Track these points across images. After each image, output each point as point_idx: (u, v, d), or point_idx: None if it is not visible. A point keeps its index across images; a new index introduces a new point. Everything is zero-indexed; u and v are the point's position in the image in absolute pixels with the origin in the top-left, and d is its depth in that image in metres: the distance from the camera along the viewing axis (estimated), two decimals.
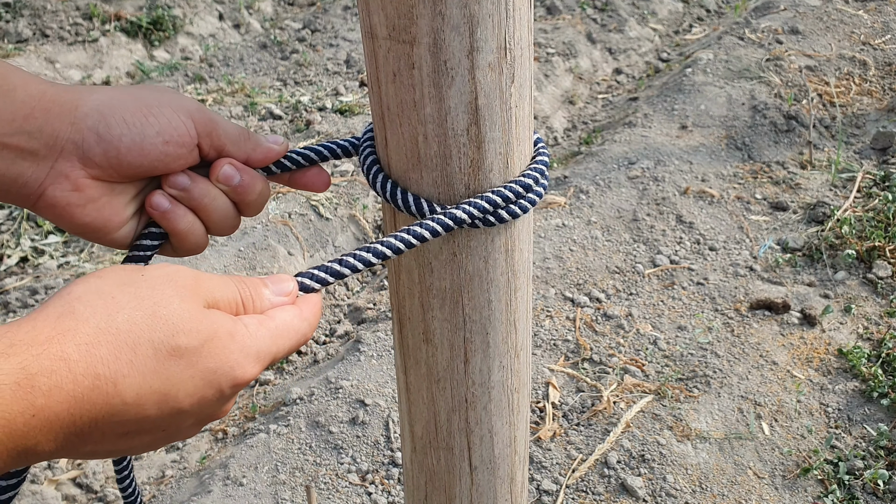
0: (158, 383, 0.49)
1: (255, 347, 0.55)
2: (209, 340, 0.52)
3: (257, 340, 0.55)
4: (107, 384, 0.47)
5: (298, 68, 4.34)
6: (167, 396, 0.50)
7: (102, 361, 0.47)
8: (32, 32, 4.35)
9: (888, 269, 2.69)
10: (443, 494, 0.88)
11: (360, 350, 2.41)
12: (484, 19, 0.60)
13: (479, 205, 0.67)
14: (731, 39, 4.28)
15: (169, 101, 0.66)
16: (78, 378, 0.46)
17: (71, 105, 0.63)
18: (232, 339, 0.53)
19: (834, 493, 1.96)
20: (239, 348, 0.54)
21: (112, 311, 0.49)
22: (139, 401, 0.49)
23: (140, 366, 0.49)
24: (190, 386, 0.51)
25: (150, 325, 0.50)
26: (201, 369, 0.52)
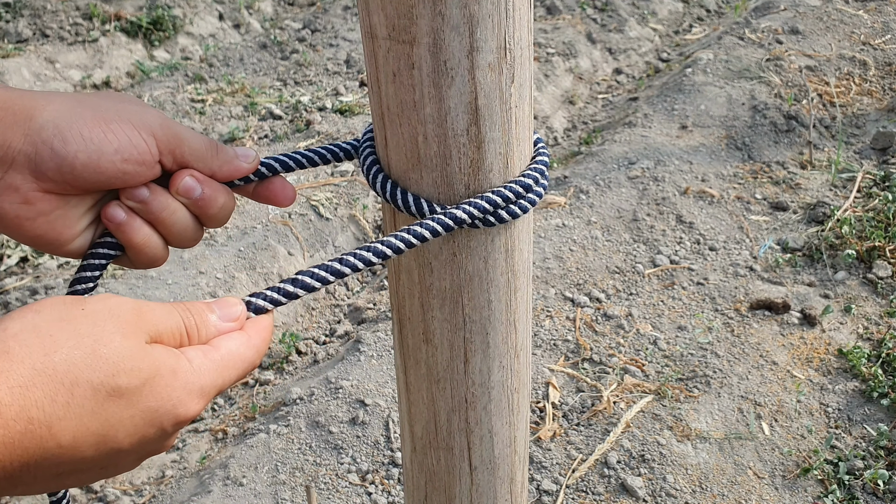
0: (97, 425, 0.48)
1: (199, 383, 0.53)
2: (150, 379, 0.50)
3: (201, 376, 0.54)
4: (40, 428, 0.45)
5: (298, 68, 4.34)
6: (106, 437, 0.49)
7: (37, 405, 0.45)
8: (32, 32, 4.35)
9: (888, 269, 2.69)
10: (443, 494, 0.88)
11: (360, 350, 2.41)
12: (484, 19, 0.60)
13: (479, 205, 0.67)
14: (731, 39, 4.28)
15: (130, 116, 0.63)
16: (9, 423, 0.44)
17: (25, 114, 0.60)
18: (174, 376, 0.52)
19: (834, 493, 1.96)
20: (181, 385, 0.52)
21: (49, 351, 0.47)
22: (75, 443, 0.47)
23: (77, 408, 0.47)
24: (130, 426, 0.50)
25: (90, 365, 0.48)
26: (142, 409, 0.50)
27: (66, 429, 0.46)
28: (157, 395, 0.51)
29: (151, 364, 0.50)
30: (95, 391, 0.47)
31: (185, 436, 2.34)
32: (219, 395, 0.51)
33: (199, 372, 0.54)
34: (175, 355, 0.53)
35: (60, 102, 0.61)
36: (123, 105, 0.64)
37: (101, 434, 0.48)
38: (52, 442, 0.46)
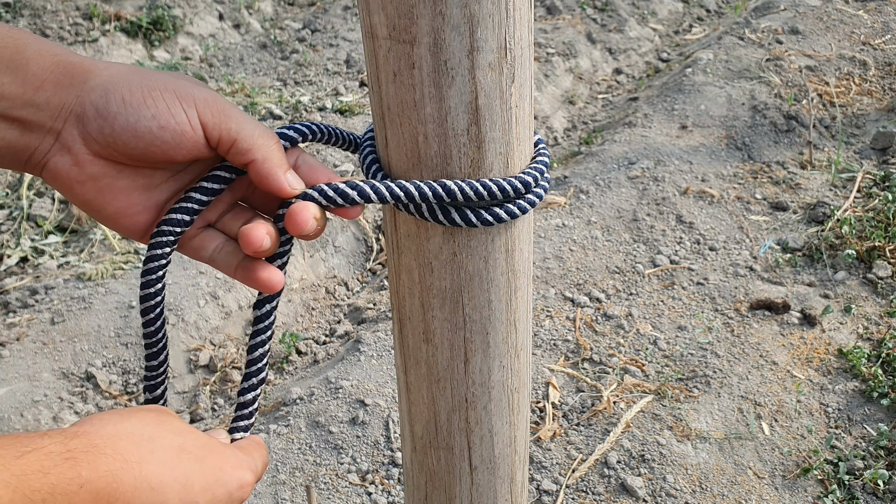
0: (178, 472, 0.56)
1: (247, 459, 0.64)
2: (207, 444, 0.60)
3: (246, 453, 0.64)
4: (133, 468, 0.53)
5: (298, 68, 4.34)
6: (186, 487, 0.56)
7: (126, 449, 0.53)
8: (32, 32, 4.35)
9: (888, 269, 2.69)
10: (443, 494, 0.88)
11: (360, 350, 2.41)
12: (484, 19, 0.60)
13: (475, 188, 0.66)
14: (731, 39, 4.28)
15: (177, 87, 0.64)
16: (109, 459, 0.52)
17: (81, 78, 0.63)
18: (223, 447, 0.62)
19: (834, 493, 1.96)
20: (232, 454, 0.62)
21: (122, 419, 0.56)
22: (162, 487, 0.54)
23: (160, 455, 0.55)
24: (202, 480, 0.57)
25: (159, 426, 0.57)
26: (209, 465, 0.58)
27: (154, 471, 0.54)
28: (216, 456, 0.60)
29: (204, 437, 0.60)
30: (169, 446, 0.56)
31: None
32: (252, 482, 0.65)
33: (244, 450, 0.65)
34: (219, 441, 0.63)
35: (117, 69, 0.64)
36: (175, 79, 0.65)
37: (182, 483, 0.56)
38: (145, 482, 0.53)
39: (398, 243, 0.75)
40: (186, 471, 0.56)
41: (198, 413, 2.41)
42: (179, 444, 0.57)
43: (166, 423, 0.58)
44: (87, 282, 2.84)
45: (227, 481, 0.59)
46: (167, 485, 0.54)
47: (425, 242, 0.72)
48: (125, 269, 2.91)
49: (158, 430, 0.57)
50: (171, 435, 0.57)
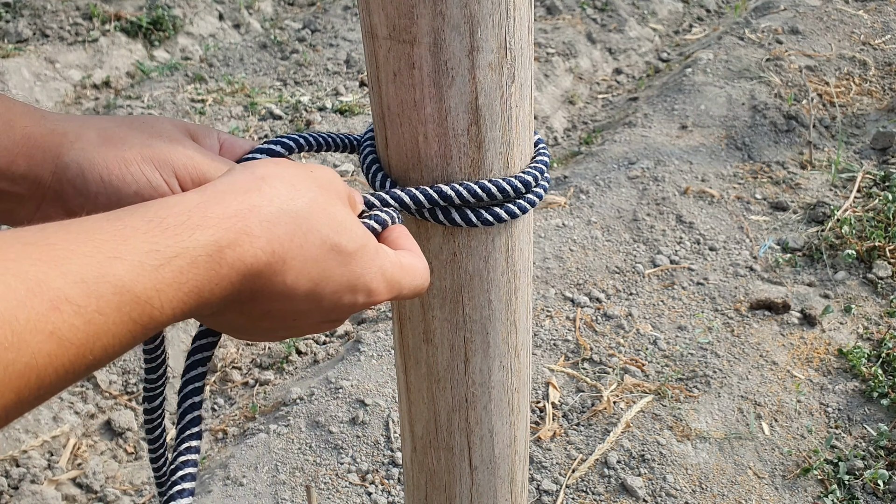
0: (316, 272, 0.54)
1: (391, 272, 0.59)
2: (362, 247, 0.56)
3: (393, 267, 0.59)
4: (278, 261, 0.51)
5: (298, 68, 4.34)
6: (317, 286, 0.54)
7: (279, 240, 0.51)
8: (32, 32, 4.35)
9: (888, 269, 2.69)
10: (443, 494, 0.88)
11: (360, 350, 2.41)
12: (484, 19, 0.60)
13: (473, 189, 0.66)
14: (731, 39, 4.28)
15: (154, 154, 0.63)
16: (258, 253, 0.50)
17: (53, 152, 0.62)
18: (377, 254, 0.58)
19: (834, 493, 1.96)
20: (379, 265, 0.58)
21: (293, 197, 0.53)
22: (296, 284, 0.53)
23: (307, 252, 0.53)
24: (336, 283, 0.55)
25: (322, 219, 0.54)
26: (350, 270, 0.56)
27: (294, 268, 0.52)
28: (362, 264, 0.57)
29: (364, 235, 0.57)
30: (323, 242, 0.54)
31: None
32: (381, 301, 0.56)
33: (393, 262, 0.60)
34: (375, 239, 0.59)
35: (87, 139, 0.63)
36: (150, 140, 0.64)
37: (315, 282, 0.54)
38: (280, 276, 0.52)
39: None
40: (325, 270, 0.54)
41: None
42: (334, 244, 0.54)
43: (331, 210, 0.55)
44: None
45: (358, 290, 0.57)
46: (301, 280, 0.53)
47: (425, 242, 0.72)
48: None
49: (320, 220, 0.54)
50: (330, 230, 0.54)
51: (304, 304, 0.55)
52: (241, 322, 0.55)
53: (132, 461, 2.27)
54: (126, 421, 2.34)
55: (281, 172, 0.55)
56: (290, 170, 0.56)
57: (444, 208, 0.68)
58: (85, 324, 0.41)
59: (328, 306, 0.56)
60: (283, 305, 0.54)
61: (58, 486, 2.12)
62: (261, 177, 0.54)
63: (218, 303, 0.49)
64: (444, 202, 0.66)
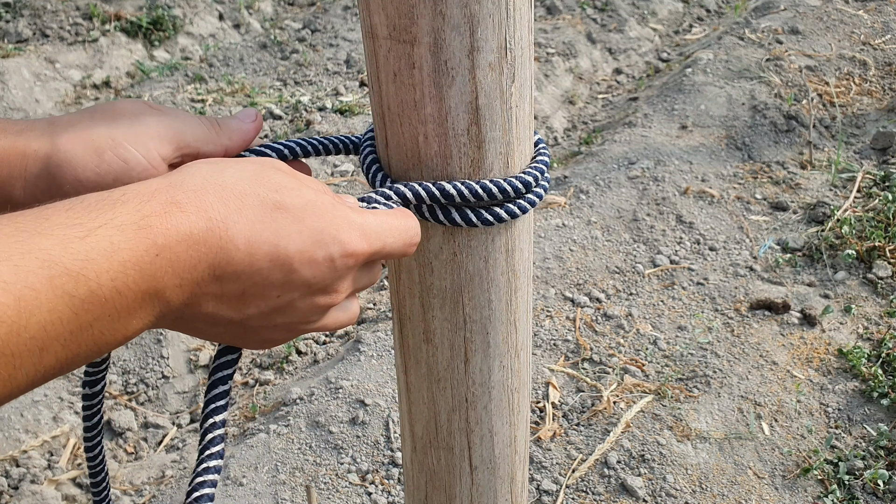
0: (268, 233, 0.50)
1: (360, 222, 0.55)
2: (311, 202, 0.53)
3: (362, 216, 0.55)
4: (218, 226, 0.48)
5: (298, 68, 4.34)
6: (278, 248, 0.50)
7: (212, 206, 0.48)
8: (32, 32, 4.35)
9: (888, 269, 2.69)
10: (443, 494, 0.88)
11: (360, 350, 2.41)
12: (484, 19, 0.60)
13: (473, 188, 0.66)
14: (731, 39, 4.28)
15: (126, 136, 0.62)
16: (191, 218, 0.47)
17: (20, 165, 0.60)
18: (334, 206, 0.54)
19: (834, 493, 1.96)
20: (342, 216, 0.54)
21: (217, 170, 0.51)
22: (251, 249, 0.49)
23: (248, 213, 0.50)
24: (298, 241, 0.51)
25: (255, 182, 0.51)
26: (308, 225, 0.52)
27: (241, 231, 0.49)
28: (319, 216, 0.53)
29: (309, 192, 0.53)
30: (262, 202, 0.51)
31: (185, 435, 2.34)
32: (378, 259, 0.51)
33: (361, 214, 0.55)
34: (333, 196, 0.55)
35: (51, 144, 0.61)
36: (117, 123, 0.63)
37: (273, 243, 0.50)
38: (231, 243, 0.48)
39: None
40: (279, 230, 0.50)
41: (198, 413, 2.41)
42: (276, 202, 0.51)
43: (265, 178, 0.52)
44: None
45: (327, 243, 0.52)
46: (256, 244, 0.49)
47: (425, 242, 0.72)
48: None
49: (253, 185, 0.51)
50: (268, 191, 0.51)
51: (277, 273, 0.51)
52: (228, 314, 0.52)
53: (132, 461, 2.27)
54: (126, 421, 2.34)
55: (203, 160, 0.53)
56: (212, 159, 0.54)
57: (444, 208, 0.68)
58: (15, 300, 0.40)
59: (305, 270, 0.52)
60: (256, 279, 0.50)
61: (58, 486, 2.13)
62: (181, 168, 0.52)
63: (174, 283, 0.47)
64: (445, 199, 0.66)
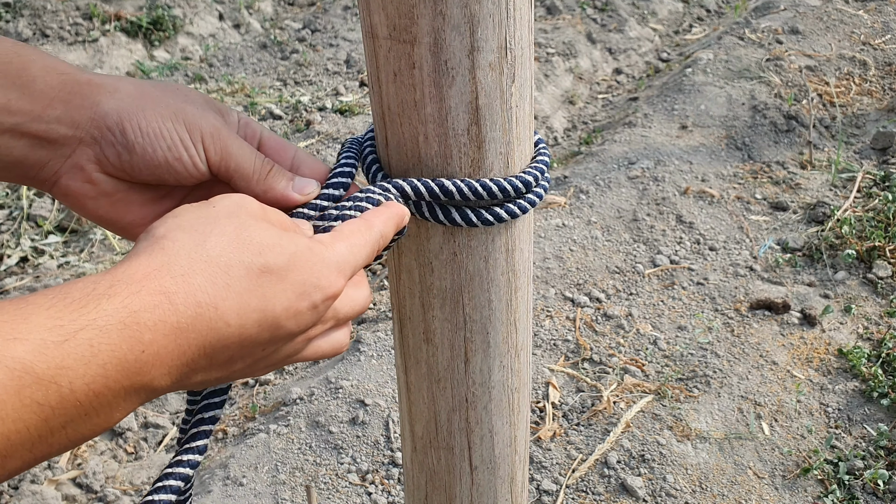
0: (255, 301, 0.51)
1: (335, 260, 0.57)
2: (293, 255, 0.54)
3: (336, 253, 0.57)
4: (208, 310, 0.49)
5: (298, 68, 4.34)
6: (265, 313, 0.52)
7: (201, 289, 0.49)
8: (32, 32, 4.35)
9: (888, 269, 2.69)
10: (443, 494, 0.88)
11: (360, 350, 2.41)
12: (484, 19, 0.60)
13: (473, 187, 0.66)
14: (731, 39, 4.28)
15: (187, 117, 0.64)
16: (179, 309, 0.47)
17: (92, 99, 0.63)
18: (312, 252, 0.55)
19: (834, 493, 1.96)
20: (319, 260, 0.56)
21: (199, 242, 0.51)
22: (241, 321, 0.50)
23: (236, 286, 0.50)
24: (284, 299, 0.53)
25: (238, 248, 0.52)
26: (291, 282, 0.53)
27: (231, 308, 0.50)
28: (301, 270, 0.54)
29: (290, 243, 0.55)
30: (248, 270, 0.51)
31: None
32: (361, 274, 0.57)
33: (334, 250, 0.58)
34: (307, 239, 0.57)
35: (125, 91, 0.64)
36: (183, 104, 0.65)
37: (261, 309, 0.51)
38: (221, 322, 0.49)
39: (398, 243, 0.75)
40: (266, 294, 0.51)
41: None
42: (261, 266, 0.52)
43: (246, 239, 0.52)
44: None
45: (310, 293, 0.54)
46: (245, 315, 0.50)
47: (425, 242, 0.72)
48: None
49: (238, 252, 0.51)
50: (252, 256, 0.51)
51: (266, 333, 0.52)
52: (219, 375, 0.53)
53: (132, 461, 2.27)
54: (126, 421, 2.34)
55: (179, 223, 0.53)
56: (188, 216, 0.54)
57: (444, 208, 0.68)
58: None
59: (291, 322, 0.54)
60: (245, 345, 0.52)
61: (58, 486, 2.13)
62: (160, 236, 0.51)
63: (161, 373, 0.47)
64: (445, 196, 0.66)
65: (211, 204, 0.56)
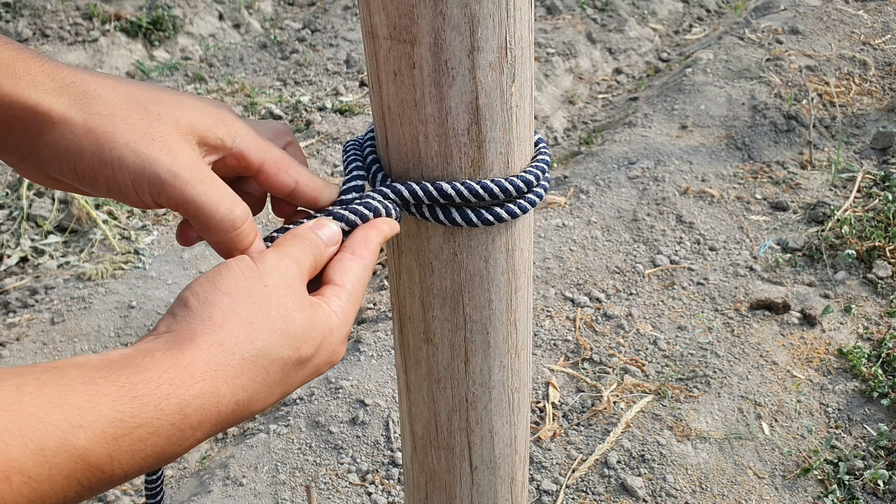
0: (280, 389, 0.57)
1: (344, 332, 0.62)
2: (321, 343, 0.59)
3: (344, 324, 0.61)
4: (243, 407, 0.54)
5: (298, 68, 4.34)
6: (285, 393, 0.58)
7: (243, 389, 0.53)
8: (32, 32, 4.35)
9: (888, 269, 2.69)
10: (443, 494, 0.88)
11: (360, 350, 2.41)
12: (485, 19, 0.60)
13: (474, 189, 0.66)
14: (731, 39, 4.28)
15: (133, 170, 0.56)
16: (222, 409, 0.52)
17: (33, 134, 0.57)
18: (332, 334, 0.60)
19: (834, 493, 1.96)
20: (336, 339, 0.60)
21: (253, 338, 0.54)
22: (265, 406, 0.57)
23: (271, 382, 0.55)
24: (302, 379, 0.59)
25: (282, 345, 0.55)
26: (313, 366, 0.59)
27: (260, 401, 0.55)
28: (323, 354, 0.59)
29: (321, 331, 0.58)
30: (285, 365, 0.56)
31: None
32: None
33: (343, 320, 0.61)
34: (327, 313, 0.60)
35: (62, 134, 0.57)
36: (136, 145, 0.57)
37: (283, 393, 0.58)
38: (249, 412, 0.55)
39: (398, 243, 0.75)
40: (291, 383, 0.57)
41: None
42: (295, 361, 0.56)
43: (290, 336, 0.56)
44: (86, 282, 2.84)
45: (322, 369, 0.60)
46: (270, 401, 0.56)
47: (425, 242, 0.72)
48: (125, 269, 2.91)
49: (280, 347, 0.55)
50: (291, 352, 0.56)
51: (279, 397, 0.58)
52: None
53: None
54: None
55: (235, 309, 0.54)
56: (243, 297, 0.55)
57: (444, 208, 0.68)
58: (31, 491, 0.43)
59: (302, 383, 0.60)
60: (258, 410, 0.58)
61: None
62: (218, 324, 0.53)
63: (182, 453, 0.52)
64: (444, 200, 0.66)
65: (263, 282, 0.57)
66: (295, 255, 0.60)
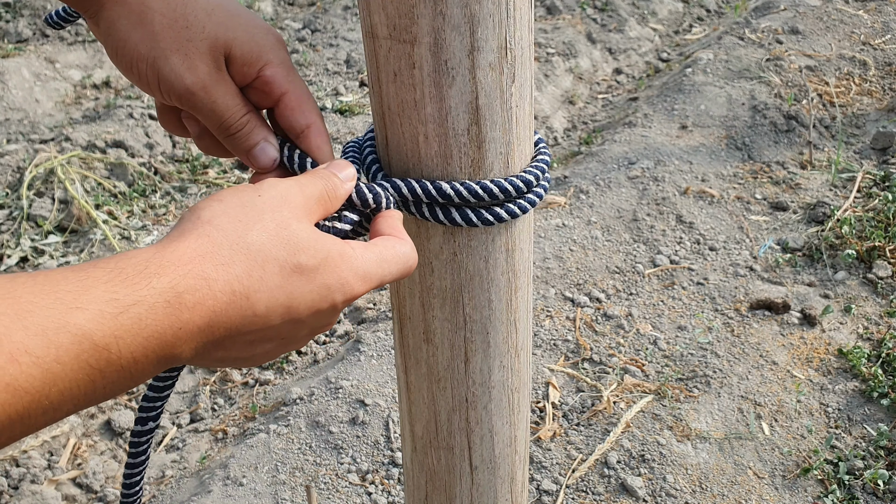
0: (283, 297, 0.55)
1: (363, 268, 0.60)
2: (325, 259, 0.58)
3: (364, 262, 0.61)
4: (241, 299, 0.53)
5: (298, 68, 4.34)
6: (290, 308, 0.56)
7: (237, 279, 0.53)
8: (32, 32, 4.35)
9: (888, 269, 2.69)
10: (443, 494, 0.88)
11: (360, 350, 2.41)
12: (485, 19, 0.60)
13: (473, 189, 0.66)
14: (731, 39, 4.28)
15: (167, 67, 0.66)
16: (217, 295, 0.52)
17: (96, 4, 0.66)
18: (342, 258, 0.59)
19: (834, 493, 1.96)
20: (349, 267, 0.59)
21: (242, 233, 0.55)
22: (267, 313, 0.55)
23: (269, 282, 0.55)
24: (308, 299, 0.57)
25: (276, 245, 0.56)
26: (318, 284, 0.57)
27: (261, 300, 0.54)
28: (330, 274, 0.58)
29: (324, 247, 0.58)
30: (282, 267, 0.55)
31: (185, 436, 2.34)
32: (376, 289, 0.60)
33: (363, 259, 0.61)
34: (341, 243, 0.60)
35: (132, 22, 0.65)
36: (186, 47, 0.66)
37: (287, 305, 0.56)
38: (250, 311, 0.54)
39: None
40: (294, 292, 0.56)
41: (198, 413, 2.41)
42: (294, 265, 0.56)
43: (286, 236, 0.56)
44: None
45: (334, 296, 0.58)
46: (272, 307, 0.55)
47: (425, 242, 0.72)
48: None
49: (275, 247, 0.55)
50: (287, 254, 0.56)
51: (286, 327, 0.57)
52: (236, 355, 0.57)
53: None
54: (126, 421, 2.34)
55: (225, 210, 0.56)
56: (233, 203, 0.57)
57: (444, 208, 0.68)
58: (42, 373, 0.43)
59: (310, 319, 0.58)
60: (265, 333, 0.56)
61: (58, 486, 2.12)
62: (206, 220, 0.55)
63: (189, 347, 0.52)
64: (444, 199, 0.66)
65: (257, 192, 0.59)
66: (299, 180, 0.62)
